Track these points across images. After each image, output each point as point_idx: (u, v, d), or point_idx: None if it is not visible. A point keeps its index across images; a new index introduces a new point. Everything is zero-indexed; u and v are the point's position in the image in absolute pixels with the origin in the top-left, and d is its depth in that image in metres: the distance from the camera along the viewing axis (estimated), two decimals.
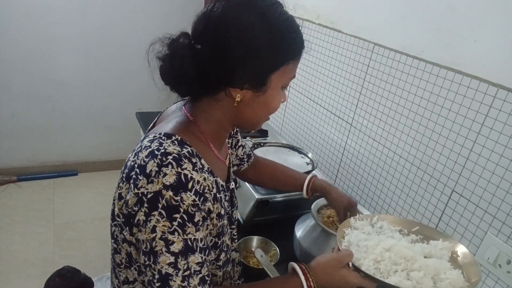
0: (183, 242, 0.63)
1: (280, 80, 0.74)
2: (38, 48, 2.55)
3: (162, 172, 0.63)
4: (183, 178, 0.64)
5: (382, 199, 1.39)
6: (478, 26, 1.02)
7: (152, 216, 0.62)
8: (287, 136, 2.05)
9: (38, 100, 2.70)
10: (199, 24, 0.70)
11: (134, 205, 0.64)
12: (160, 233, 0.62)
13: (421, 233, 0.89)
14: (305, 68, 1.83)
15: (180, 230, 0.63)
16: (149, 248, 0.63)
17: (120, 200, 0.69)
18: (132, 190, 0.65)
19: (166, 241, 0.62)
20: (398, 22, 1.28)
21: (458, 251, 0.83)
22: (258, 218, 1.27)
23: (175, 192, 0.62)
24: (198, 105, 0.77)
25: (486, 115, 1.01)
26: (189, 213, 0.63)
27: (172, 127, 0.73)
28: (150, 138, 0.70)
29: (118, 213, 0.70)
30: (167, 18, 2.77)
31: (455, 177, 1.10)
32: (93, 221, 2.53)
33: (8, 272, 2.05)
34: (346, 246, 0.82)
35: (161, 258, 0.62)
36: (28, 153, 2.82)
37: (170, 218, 0.62)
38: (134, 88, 2.90)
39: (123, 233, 0.70)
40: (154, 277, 0.63)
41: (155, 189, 0.62)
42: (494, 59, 0.99)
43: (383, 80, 1.35)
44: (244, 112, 0.75)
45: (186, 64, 0.67)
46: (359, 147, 1.49)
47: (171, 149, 0.66)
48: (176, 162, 0.64)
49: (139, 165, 0.66)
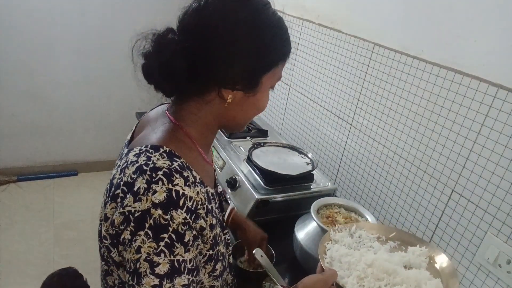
0: (169, 264, 0.59)
1: (270, 81, 0.72)
2: (38, 48, 2.55)
3: (152, 190, 0.59)
4: (174, 194, 0.60)
5: (382, 199, 1.38)
6: (478, 26, 1.02)
7: (137, 236, 0.58)
8: (287, 136, 2.05)
9: (38, 100, 2.70)
10: (189, 20, 0.68)
11: (121, 224, 0.60)
12: (145, 254, 0.58)
13: (398, 239, 0.92)
14: (305, 68, 1.83)
15: (167, 251, 0.59)
16: (133, 269, 0.59)
17: (106, 221, 0.65)
18: (118, 210, 0.61)
19: (151, 262, 0.58)
20: (398, 22, 1.28)
21: (434, 256, 0.86)
22: (258, 218, 1.27)
23: (164, 211, 0.58)
24: (184, 107, 0.72)
25: (486, 115, 1.01)
26: (178, 233, 0.59)
27: (158, 137, 0.68)
28: (136, 152, 0.65)
29: (105, 234, 0.66)
30: (167, 18, 2.75)
31: (455, 177, 1.10)
32: (93, 221, 2.52)
33: (8, 272, 2.05)
34: (328, 263, 0.82)
35: (145, 280, 0.58)
36: (28, 153, 2.82)
37: (156, 238, 0.58)
38: (134, 88, 2.88)
39: (112, 255, 0.66)
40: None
41: (143, 208, 0.58)
42: (494, 59, 0.99)
43: (383, 80, 1.35)
44: (233, 113, 0.72)
45: (175, 60, 0.64)
46: (359, 147, 1.49)
47: (161, 163, 0.62)
48: (167, 178, 0.60)
49: (125, 182, 0.62)
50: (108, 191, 0.67)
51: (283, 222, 1.26)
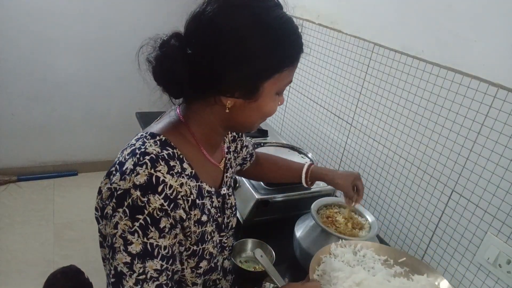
0: (142, 245, 0.62)
1: (273, 87, 0.70)
2: (38, 48, 2.55)
3: (135, 171, 0.62)
4: (154, 180, 0.63)
5: (382, 199, 1.39)
6: (478, 26, 1.02)
7: (117, 212, 0.62)
8: (287, 136, 2.05)
9: (38, 100, 2.70)
10: (191, 25, 0.68)
11: (107, 198, 0.65)
12: (120, 230, 0.62)
13: (407, 265, 0.87)
14: (305, 68, 1.84)
15: (141, 232, 0.62)
16: (110, 243, 0.63)
17: (99, 194, 0.69)
18: (107, 184, 0.66)
19: (125, 240, 0.61)
20: (398, 22, 1.28)
21: (441, 286, 0.82)
22: (258, 218, 1.27)
23: (142, 193, 0.61)
24: (190, 107, 0.75)
25: (486, 115, 1.01)
26: (154, 217, 0.62)
27: (160, 127, 0.72)
28: (137, 136, 0.71)
29: (96, 206, 0.70)
30: (167, 18, 2.76)
31: (455, 177, 1.10)
32: (93, 221, 2.47)
33: (8, 272, 2.05)
34: (319, 275, 0.80)
35: (118, 256, 0.62)
36: (28, 153, 2.82)
37: (132, 218, 0.61)
38: (134, 88, 2.90)
39: (100, 227, 0.70)
40: (111, 272, 0.64)
41: (125, 187, 0.62)
42: (494, 59, 0.99)
43: (383, 80, 1.35)
44: (236, 117, 0.72)
45: (176, 67, 0.65)
46: (359, 147, 1.49)
47: (151, 149, 0.66)
48: (151, 163, 0.63)
49: (119, 162, 0.66)
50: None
51: (283, 222, 1.26)
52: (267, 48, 0.65)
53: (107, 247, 0.64)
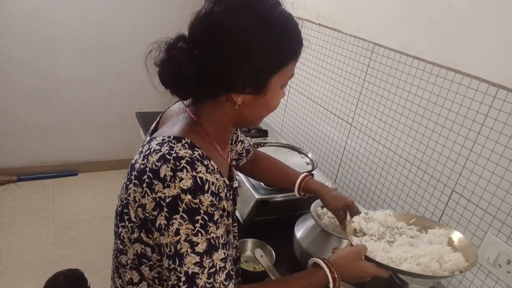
0: (206, 242, 0.64)
1: (279, 81, 0.74)
2: (38, 48, 2.55)
3: (178, 177, 0.64)
4: (199, 181, 0.65)
5: (382, 199, 1.39)
6: (478, 26, 1.02)
7: (174, 220, 0.63)
8: (287, 136, 2.05)
9: (38, 100, 2.70)
10: (196, 27, 0.70)
11: (153, 209, 0.65)
12: (184, 235, 0.63)
13: (418, 224, 0.97)
14: (305, 68, 1.84)
15: (203, 230, 0.64)
16: (174, 251, 0.64)
17: (135, 203, 0.69)
18: (150, 195, 0.65)
19: (191, 242, 0.63)
20: (398, 22, 1.28)
21: (453, 237, 0.92)
22: (258, 218, 1.27)
23: (193, 196, 0.64)
24: (201, 107, 0.77)
25: (486, 115, 1.01)
26: (209, 213, 0.65)
27: (180, 129, 0.73)
28: (158, 141, 0.70)
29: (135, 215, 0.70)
30: (167, 17, 2.77)
31: (455, 177, 1.10)
32: (93, 221, 2.53)
33: (8, 272, 2.05)
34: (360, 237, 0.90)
35: (187, 259, 0.63)
36: (28, 153, 2.82)
37: (192, 220, 0.63)
38: (134, 88, 2.90)
39: (135, 234, 0.71)
40: (180, 279, 0.64)
41: (173, 194, 0.63)
42: (494, 59, 0.99)
43: (383, 80, 1.35)
44: (245, 113, 0.76)
45: (185, 68, 0.67)
46: (359, 147, 1.49)
47: (183, 153, 0.67)
48: (190, 166, 0.65)
49: (150, 169, 0.66)
50: (129, 174, 0.71)
51: (283, 222, 1.26)
52: (273, 44, 0.69)
53: (169, 257, 0.65)
